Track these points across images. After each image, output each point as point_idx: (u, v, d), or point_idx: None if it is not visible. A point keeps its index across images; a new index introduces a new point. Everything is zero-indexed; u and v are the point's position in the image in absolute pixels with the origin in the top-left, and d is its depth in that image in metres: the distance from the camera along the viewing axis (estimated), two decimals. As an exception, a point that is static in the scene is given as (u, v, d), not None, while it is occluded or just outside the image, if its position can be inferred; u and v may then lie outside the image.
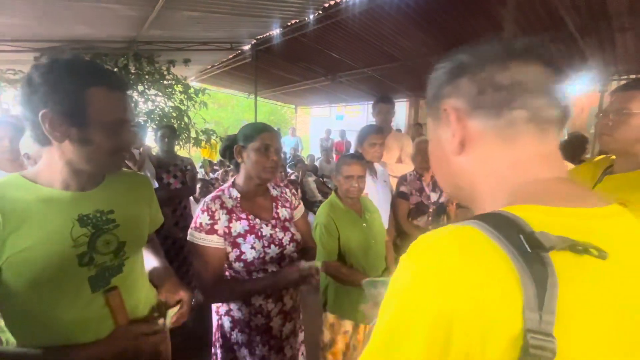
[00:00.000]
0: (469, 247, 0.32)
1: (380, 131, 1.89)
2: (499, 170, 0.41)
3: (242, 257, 1.02)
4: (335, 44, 3.86)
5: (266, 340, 1.10)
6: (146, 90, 4.20)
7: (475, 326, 0.29)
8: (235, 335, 1.10)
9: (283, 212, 1.16)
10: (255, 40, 4.13)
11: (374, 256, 1.52)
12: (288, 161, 6.77)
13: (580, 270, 0.31)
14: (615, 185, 1.02)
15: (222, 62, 5.28)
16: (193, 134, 4.90)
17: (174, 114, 4.48)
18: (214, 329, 1.17)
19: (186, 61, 4.48)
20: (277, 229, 1.10)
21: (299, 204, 1.28)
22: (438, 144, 0.47)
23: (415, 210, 1.94)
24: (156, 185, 2.30)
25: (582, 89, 3.92)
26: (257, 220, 1.08)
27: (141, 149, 2.34)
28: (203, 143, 5.02)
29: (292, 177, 4.89)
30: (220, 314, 1.13)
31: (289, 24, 3.48)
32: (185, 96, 4.70)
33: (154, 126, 3.82)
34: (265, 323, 1.09)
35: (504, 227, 0.32)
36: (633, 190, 0.94)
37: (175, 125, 4.25)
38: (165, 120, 4.24)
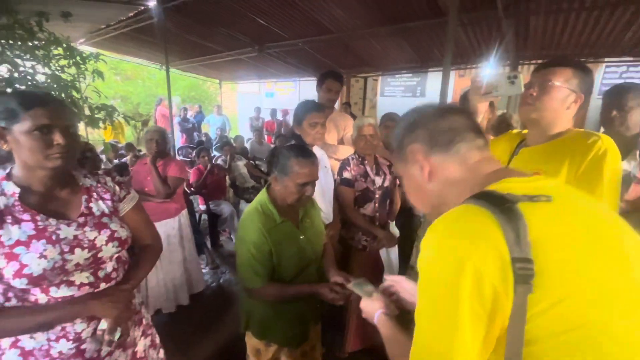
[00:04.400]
0: (467, 214, 0.48)
1: (321, 109, 1.61)
2: (460, 179, 0.59)
3: (25, 271, 0.79)
4: (262, 8, 3.37)
5: None
6: (6, 52, 3.10)
7: (490, 265, 0.43)
8: None
9: (100, 206, 0.96)
10: (161, -5, 3.36)
11: (310, 272, 1.26)
12: (214, 143, 6.10)
13: (540, 213, 0.46)
14: (530, 156, 1.15)
15: (120, 22, 4.27)
16: (87, 111, 3.91)
17: (54, 86, 3.46)
18: None
19: (65, 15, 3.44)
20: (86, 228, 0.90)
21: (128, 193, 1.02)
22: (411, 179, 0.65)
23: (362, 197, 1.76)
24: None
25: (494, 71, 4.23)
26: (52, 221, 0.86)
27: None
28: (101, 123, 4.06)
29: (219, 161, 4.35)
30: (3, 348, 0.83)
31: (204, -24, 2.87)
32: (71, 62, 3.65)
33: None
34: (74, 347, 0.88)
35: (484, 197, 0.49)
36: (545, 161, 1.08)
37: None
38: (40, 92, 3.23)
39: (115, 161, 4.61)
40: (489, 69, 4.13)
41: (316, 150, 1.77)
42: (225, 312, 2.55)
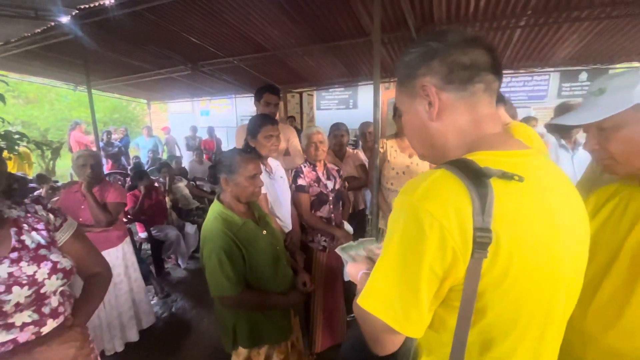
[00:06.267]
0: (443, 181, 0.49)
1: (275, 122, 1.72)
2: (464, 128, 0.57)
3: None
4: (194, 25, 3.34)
5: None
6: None
7: (455, 231, 0.46)
8: None
9: (34, 238, 0.89)
10: (77, 11, 3.10)
11: (282, 266, 1.34)
12: (147, 166, 5.67)
13: (509, 190, 0.48)
14: None
15: (24, 38, 3.78)
16: (-16, 141, 3.32)
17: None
18: None
19: (-49, 31, 2.95)
20: (22, 263, 0.83)
21: (64, 220, 0.97)
22: (415, 115, 0.61)
23: (317, 201, 1.88)
24: None
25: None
26: None
27: None
28: (5, 152, 3.49)
29: (156, 184, 4.07)
30: None
31: (129, -7, 2.76)
32: (-41, 84, 3.10)
33: None
34: None
35: (462, 167, 0.49)
36: None
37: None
38: None
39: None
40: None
41: (271, 161, 1.85)
42: (182, 342, 2.39)
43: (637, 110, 0.65)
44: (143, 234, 3.53)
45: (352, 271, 0.78)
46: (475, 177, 0.47)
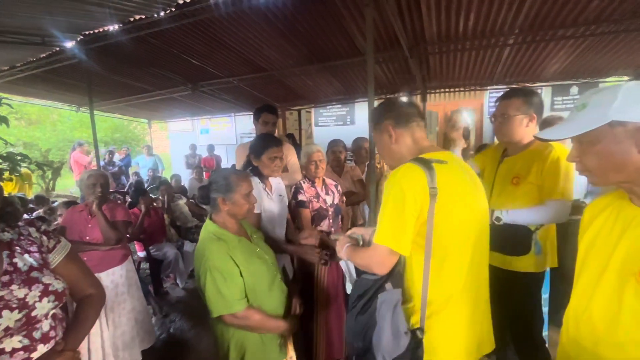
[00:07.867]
0: (412, 169, 0.95)
1: (280, 143, 1.75)
2: (410, 146, 1.08)
3: None
4: (195, 48, 3.46)
5: None
6: None
7: (419, 193, 0.92)
8: None
9: (27, 260, 0.89)
10: (82, 37, 3.22)
11: (277, 281, 1.35)
12: (148, 184, 5.70)
13: (442, 169, 0.95)
14: (511, 164, 1.54)
15: (29, 63, 3.90)
16: (-13, 162, 3.35)
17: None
18: None
19: (-41, 57, 3.05)
20: (13, 287, 0.82)
21: (58, 242, 0.98)
22: (382, 141, 1.12)
23: (318, 216, 1.90)
24: None
25: (407, 97, 4.96)
26: None
27: None
28: (7, 173, 3.51)
29: (156, 202, 4.09)
30: None
31: (132, 19, 2.87)
32: (-35, 108, 3.17)
33: None
34: None
35: (418, 160, 0.97)
36: (520, 167, 1.47)
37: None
38: None
39: (26, 216, 3.98)
40: (406, 97, 4.86)
41: (271, 179, 1.89)
42: (182, 363, 2.35)
43: (612, 126, 0.67)
44: (142, 253, 3.52)
45: (339, 246, 1.13)
46: (426, 164, 0.94)
